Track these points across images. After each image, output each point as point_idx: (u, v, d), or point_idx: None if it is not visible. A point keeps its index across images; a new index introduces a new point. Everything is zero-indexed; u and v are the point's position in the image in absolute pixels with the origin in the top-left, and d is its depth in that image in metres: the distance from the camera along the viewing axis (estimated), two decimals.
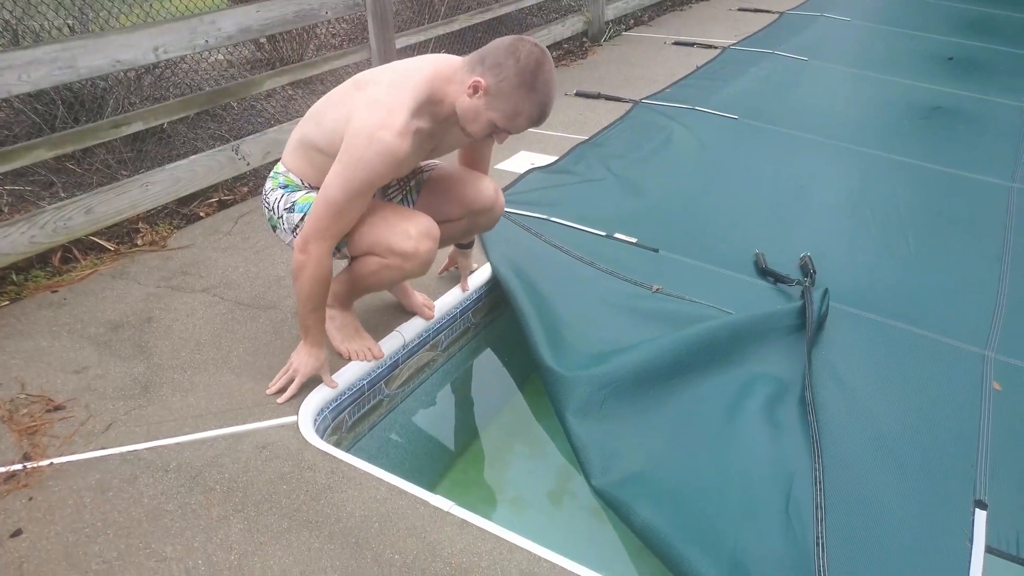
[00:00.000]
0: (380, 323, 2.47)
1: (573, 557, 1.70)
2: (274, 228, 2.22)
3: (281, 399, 2.11)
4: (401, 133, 1.80)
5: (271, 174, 2.21)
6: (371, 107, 1.83)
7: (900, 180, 3.75)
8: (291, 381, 2.13)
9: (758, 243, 3.05)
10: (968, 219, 3.40)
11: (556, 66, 5.42)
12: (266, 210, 2.22)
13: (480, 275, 2.75)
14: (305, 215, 2.06)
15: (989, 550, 1.83)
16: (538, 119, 1.79)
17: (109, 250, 2.92)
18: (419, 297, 2.51)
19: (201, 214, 3.27)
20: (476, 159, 2.40)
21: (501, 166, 3.73)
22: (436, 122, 1.90)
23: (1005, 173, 3.85)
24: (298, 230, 2.10)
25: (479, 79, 1.75)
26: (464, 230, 2.38)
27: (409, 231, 1.99)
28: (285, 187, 2.16)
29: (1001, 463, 2.07)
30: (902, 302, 2.75)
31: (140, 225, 3.08)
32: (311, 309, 2.06)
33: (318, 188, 2.00)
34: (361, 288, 2.24)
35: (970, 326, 2.64)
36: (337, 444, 2.13)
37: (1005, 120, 4.57)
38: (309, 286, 2.00)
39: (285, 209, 2.14)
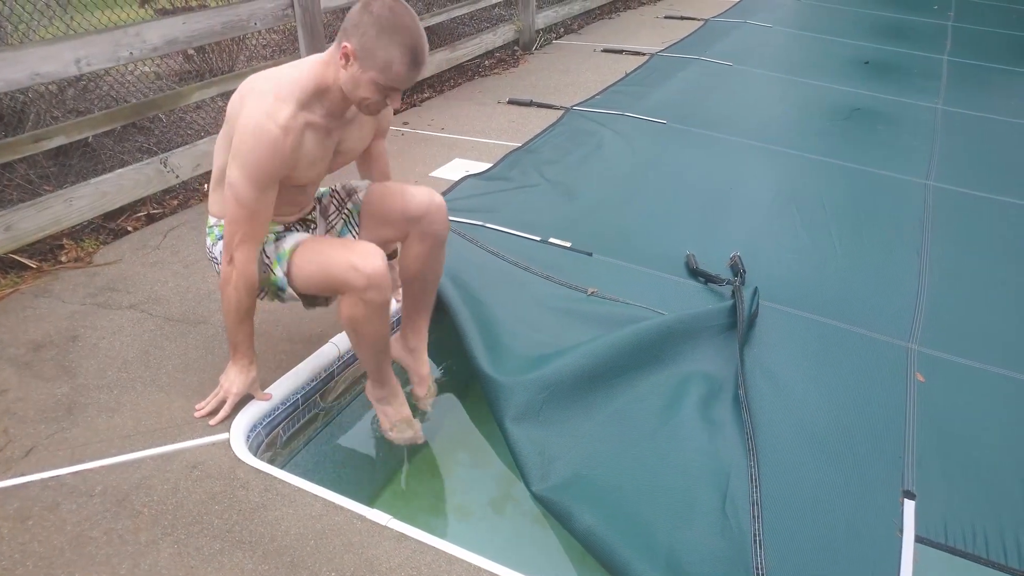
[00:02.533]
0: (314, 334, 2.45)
1: (515, 566, 1.71)
2: None
3: (212, 421, 2.06)
4: (287, 123, 1.78)
5: (207, 229, 2.12)
6: (257, 99, 1.80)
7: (823, 179, 3.90)
8: (222, 403, 2.09)
9: (689, 244, 3.13)
10: (888, 216, 3.56)
11: (488, 75, 5.49)
12: (216, 267, 2.12)
13: None
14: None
15: (919, 540, 1.90)
16: (413, 59, 1.73)
17: (31, 268, 2.82)
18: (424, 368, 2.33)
19: (129, 228, 3.18)
20: (371, 158, 2.29)
21: (436, 173, 3.74)
22: (331, 113, 1.87)
23: (920, 171, 4.04)
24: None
25: (345, 45, 1.74)
26: (418, 247, 2.18)
27: (353, 262, 1.88)
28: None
29: (927, 453, 2.16)
30: (828, 298, 2.86)
31: (64, 241, 2.98)
32: (238, 321, 2.01)
33: None
34: (367, 348, 2.06)
35: (893, 320, 2.76)
36: (271, 460, 2.10)
37: (919, 120, 4.80)
38: (236, 295, 1.95)
39: None
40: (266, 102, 1.79)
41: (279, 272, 2.02)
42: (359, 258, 1.87)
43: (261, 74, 1.91)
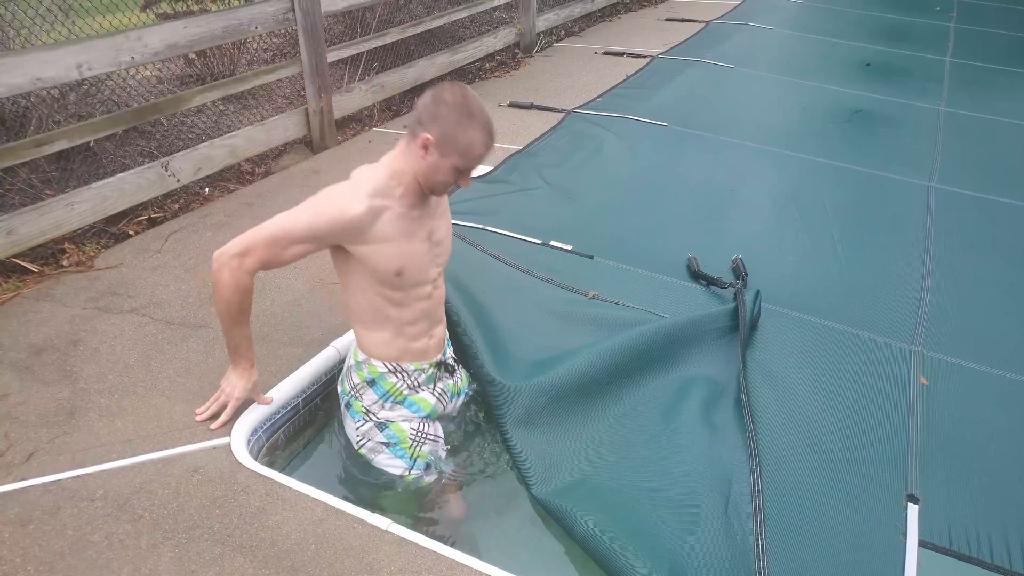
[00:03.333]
0: (315, 338, 2.45)
1: (516, 571, 1.71)
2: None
3: (213, 426, 2.06)
4: (361, 199, 1.82)
5: (352, 362, 2.08)
6: (344, 183, 1.89)
7: (825, 182, 3.89)
8: (223, 407, 2.08)
9: (690, 247, 3.12)
10: (891, 218, 3.55)
11: (489, 78, 5.49)
12: (347, 406, 2.11)
13: None
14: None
15: (923, 544, 1.89)
16: (488, 139, 1.83)
17: (33, 272, 2.82)
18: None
19: (130, 232, 3.18)
20: None
21: None
22: (409, 202, 1.89)
23: (923, 173, 4.03)
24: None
25: (425, 136, 1.80)
26: None
27: None
28: (371, 382, 2.05)
29: (930, 457, 2.15)
30: (831, 301, 2.85)
31: (66, 245, 2.98)
32: (233, 322, 1.96)
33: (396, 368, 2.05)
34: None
35: (896, 323, 2.75)
36: (272, 464, 2.10)
37: (921, 122, 4.79)
38: (229, 295, 1.89)
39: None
40: (348, 185, 1.88)
41: (359, 424, 2.07)
42: None
43: (354, 172, 1.96)
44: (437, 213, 2.01)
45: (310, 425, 2.30)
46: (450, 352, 2.24)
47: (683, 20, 7.18)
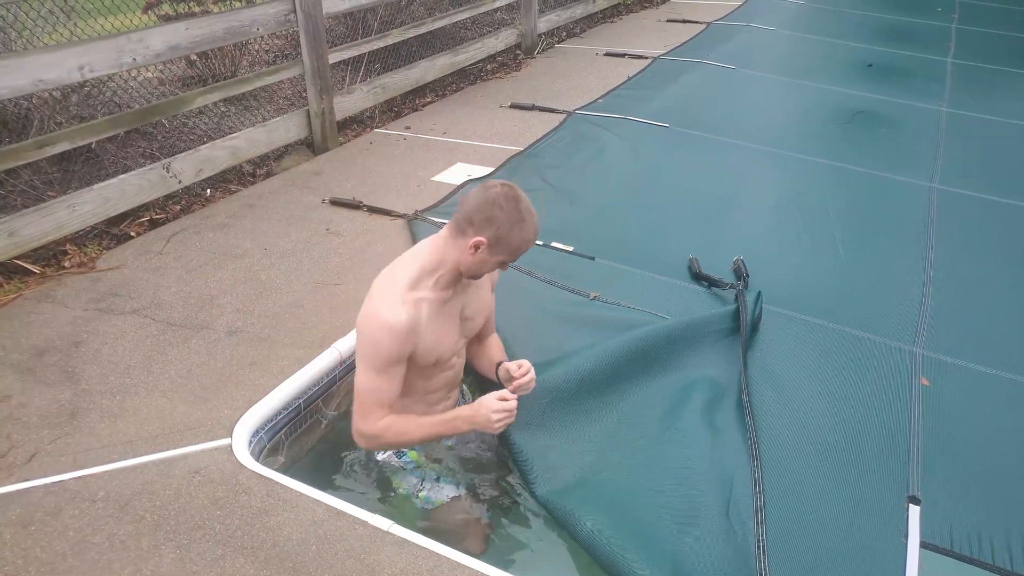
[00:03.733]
0: (316, 340, 2.45)
1: (518, 572, 1.71)
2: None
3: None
4: (397, 305, 1.84)
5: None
6: (375, 286, 1.90)
7: (827, 183, 3.89)
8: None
9: (692, 248, 3.12)
10: (892, 219, 3.55)
11: (490, 79, 5.50)
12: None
13: None
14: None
15: (924, 545, 1.88)
16: (536, 235, 1.87)
17: (34, 273, 2.83)
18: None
19: (132, 234, 3.19)
20: (483, 345, 2.25)
21: (438, 178, 3.74)
22: (443, 286, 1.91)
23: (924, 174, 4.02)
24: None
25: (479, 239, 1.81)
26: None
27: None
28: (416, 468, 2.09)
29: (932, 458, 2.14)
30: (832, 302, 2.85)
31: (67, 247, 2.99)
32: (424, 435, 1.96)
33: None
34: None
35: (898, 324, 2.75)
36: (274, 465, 2.10)
37: (923, 123, 4.78)
38: (398, 441, 1.95)
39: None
40: (378, 293, 1.88)
41: (411, 485, 2.06)
42: None
43: (383, 272, 1.96)
44: (471, 288, 2.03)
45: (312, 426, 2.30)
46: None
47: (684, 21, 7.19)
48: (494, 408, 1.89)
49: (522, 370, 1.99)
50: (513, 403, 1.91)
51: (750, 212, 3.55)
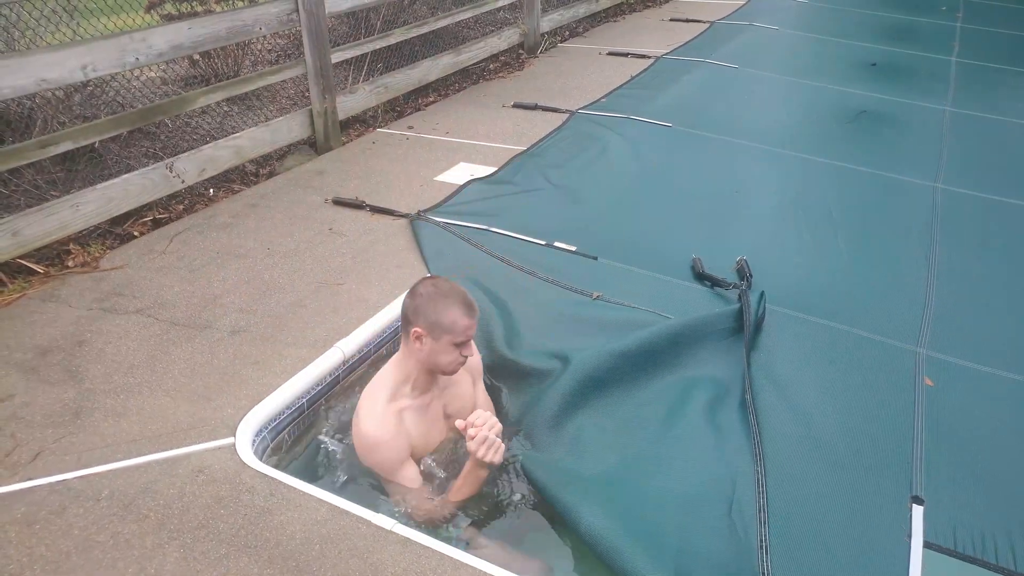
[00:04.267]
0: (319, 339, 2.45)
1: (520, 570, 1.70)
2: None
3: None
4: (380, 419, 2.00)
5: None
6: (360, 405, 2.05)
7: (830, 183, 3.88)
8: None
9: (695, 248, 3.12)
10: (896, 219, 3.54)
11: (493, 78, 5.50)
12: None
13: None
14: None
15: (927, 545, 1.88)
16: (467, 308, 2.00)
17: (38, 273, 2.83)
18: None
19: (135, 233, 3.19)
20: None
21: (441, 177, 3.74)
22: (420, 391, 2.07)
23: (929, 174, 4.02)
24: None
25: (415, 330, 1.99)
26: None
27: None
28: None
29: (936, 458, 2.14)
30: (836, 302, 2.84)
31: (71, 246, 2.99)
32: (464, 497, 2.00)
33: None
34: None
35: (901, 324, 2.74)
36: (277, 464, 2.10)
37: (927, 123, 4.77)
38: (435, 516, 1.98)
39: None
40: (364, 413, 2.03)
41: None
42: None
43: (365, 389, 2.11)
44: (450, 387, 2.16)
45: (315, 425, 2.30)
46: None
47: (687, 20, 7.17)
48: (473, 450, 1.92)
49: (471, 431, 1.94)
50: (478, 432, 1.91)
51: (753, 212, 3.55)
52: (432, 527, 1.96)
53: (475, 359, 2.28)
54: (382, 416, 2.00)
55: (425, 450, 2.08)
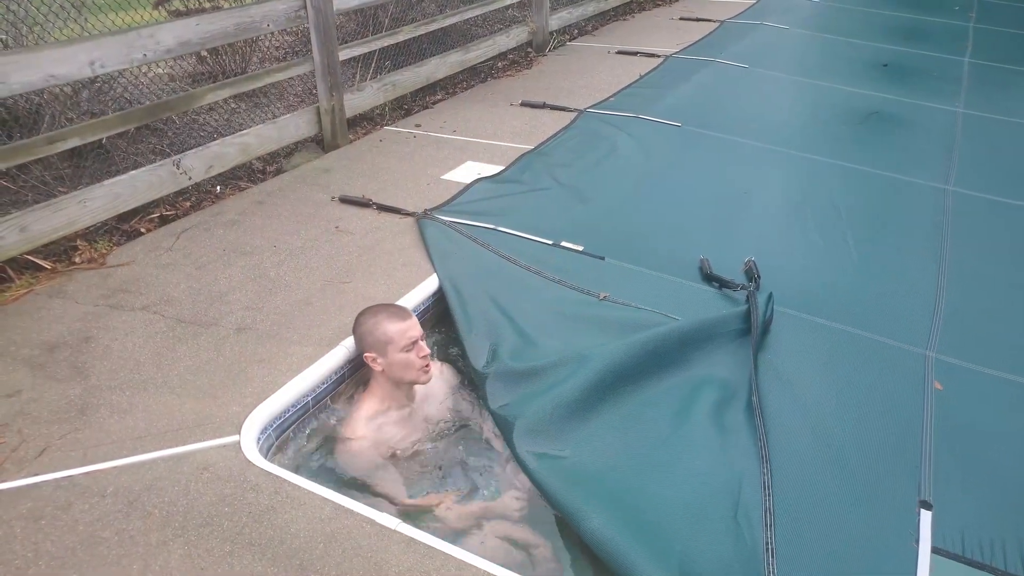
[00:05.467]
0: (325, 337, 2.45)
1: (524, 570, 1.70)
2: None
3: None
4: (361, 436, 2.20)
5: None
6: (342, 431, 2.26)
7: (840, 184, 3.85)
8: None
9: (703, 248, 3.10)
10: (906, 222, 3.51)
11: (501, 76, 5.48)
12: None
13: (427, 287, 2.75)
14: None
15: (935, 551, 1.86)
16: (393, 314, 2.27)
17: (45, 268, 2.84)
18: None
19: (142, 230, 3.20)
20: None
21: (448, 176, 3.74)
22: (396, 406, 2.29)
23: (940, 176, 3.98)
24: None
25: (366, 355, 2.25)
26: None
27: None
28: None
29: (944, 463, 2.12)
30: (844, 305, 2.82)
31: (78, 242, 3.00)
32: (453, 520, 2.06)
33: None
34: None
35: (911, 327, 2.71)
36: (283, 463, 2.10)
37: (939, 124, 4.74)
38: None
39: None
40: (343, 432, 2.24)
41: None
42: None
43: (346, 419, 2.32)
44: (429, 398, 2.38)
45: (321, 423, 2.30)
46: None
47: (697, 19, 7.14)
48: (517, 503, 2.10)
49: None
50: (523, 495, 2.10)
51: (762, 212, 3.53)
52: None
53: (449, 374, 2.52)
54: (361, 434, 2.19)
55: (410, 447, 2.25)
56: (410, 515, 2.01)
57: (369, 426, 2.23)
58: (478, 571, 1.69)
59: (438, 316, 2.79)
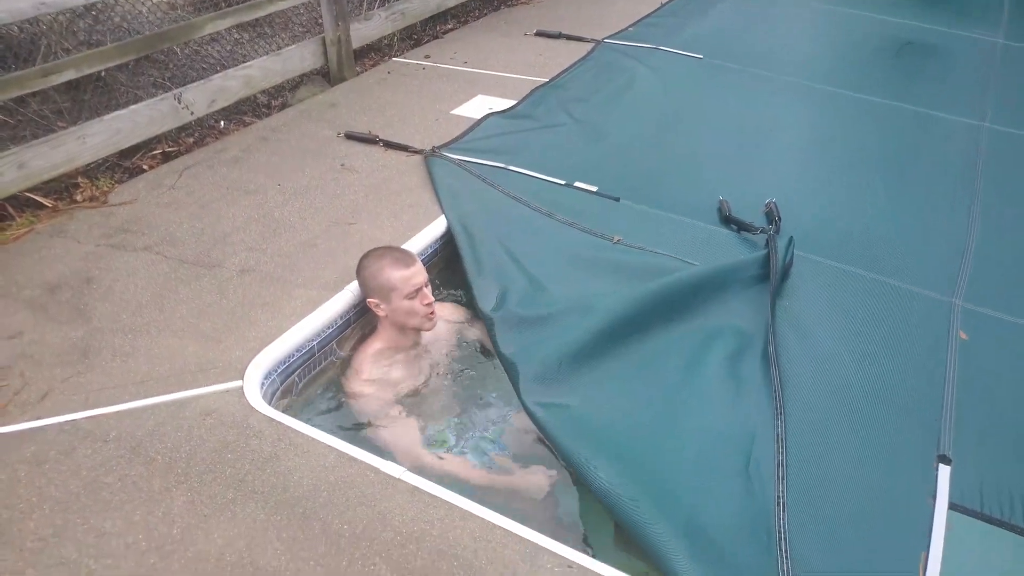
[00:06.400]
0: (331, 281, 2.39)
1: (529, 523, 1.67)
2: None
3: None
4: (368, 379, 2.17)
5: None
6: (345, 387, 2.21)
7: (868, 120, 3.68)
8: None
9: (722, 189, 2.98)
10: (937, 160, 3.35)
11: (516, 4, 5.25)
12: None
13: (434, 230, 2.67)
14: None
15: (952, 507, 1.80)
16: (397, 260, 2.19)
17: (46, 207, 2.78)
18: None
19: (144, 167, 3.12)
20: None
21: (457, 111, 3.60)
22: (400, 350, 2.25)
23: (976, 112, 3.79)
24: None
25: (369, 301, 2.21)
26: None
27: None
28: None
29: (966, 416, 2.04)
30: (868, 249, 2.70)
31: (79, 179, 2.93)
32: (474, 479, 2.00)
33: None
34: None
35: (937, 273, 2.60)
36: (287, 408, 2.07)
37: (977, 56, 4.49)
38: (447, 474, 1.98)
39: None
40: (348, 382, 2.21)
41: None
42: None
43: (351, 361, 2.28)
44: (436, 342, 2.35)
45: (325, 369, 2.26)
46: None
47: None
48: (547, 481, 2.01)
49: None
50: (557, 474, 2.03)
51: (786, 151, 3.38)
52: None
53: (455, 316, 2.46)
54: (368, 376, 2.16)
55: (415, 387, 2.24)
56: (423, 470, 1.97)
57: (375, 370, 2.19)
58: (483, 521, 1.66)
59: (446, 259, 2.72)
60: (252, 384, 1.99)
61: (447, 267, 2.73)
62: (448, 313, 2.46)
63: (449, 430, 2.20)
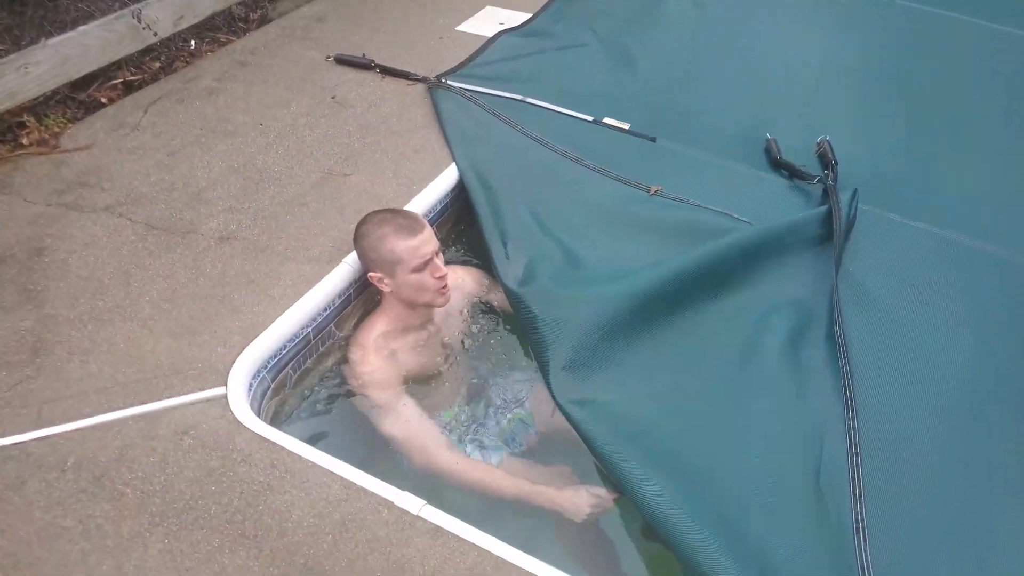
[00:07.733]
0: (324, 252, 2.03)
1: (572, 571, 1.40)
2: None
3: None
4: (373, 357, 1.86)
5: None
6: (347, 369, 1.92)
7: (947, 42, 3.16)
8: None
9: (770, 127, 2.60)
10: None
11: None
12: None
13: (443, 183, 2.29)
14: None
15: None
16: (402, 228, 1.84)
17: None
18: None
19: (103, 100, 2.68)
20: None
21: (463, 27, 3.13)
22: (409, 329, 1.93)
23: None
24: None
25: (371, 275, 1.89)
26: None
27: None
28: None
29: None
30: (950, 204, 2.32)
31: (25, 118, 2.50)
32: (505, 491, 1.74)
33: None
34: None
35: None
36: (280, 408, 1.78)
37: None
38: (473, 483, 1.75)
39: None
40: (351, 369, 1.90)
41: None
42: None
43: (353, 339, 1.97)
44: (448, 317, 2.04)
45: (323, 354, 1.95)
46: None
47: None
48: (590, 503, 1.70)
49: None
50: (606, 495, 1.71)
51: (843, 81, 2.93)
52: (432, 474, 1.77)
53: (470, 282, 2.14)
54: (373, 356, 1.87)
55: (423, 371, 1.96)
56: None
57: (380, 355, 1.88)
58: (521, 571, 1.39)
59: (457, 214, 2.36)
60: (237, 390, 1.67)
61: (460, 221, 2.37)
62: (463, 280, 2.12)
63: (469, 419, 1.93)
